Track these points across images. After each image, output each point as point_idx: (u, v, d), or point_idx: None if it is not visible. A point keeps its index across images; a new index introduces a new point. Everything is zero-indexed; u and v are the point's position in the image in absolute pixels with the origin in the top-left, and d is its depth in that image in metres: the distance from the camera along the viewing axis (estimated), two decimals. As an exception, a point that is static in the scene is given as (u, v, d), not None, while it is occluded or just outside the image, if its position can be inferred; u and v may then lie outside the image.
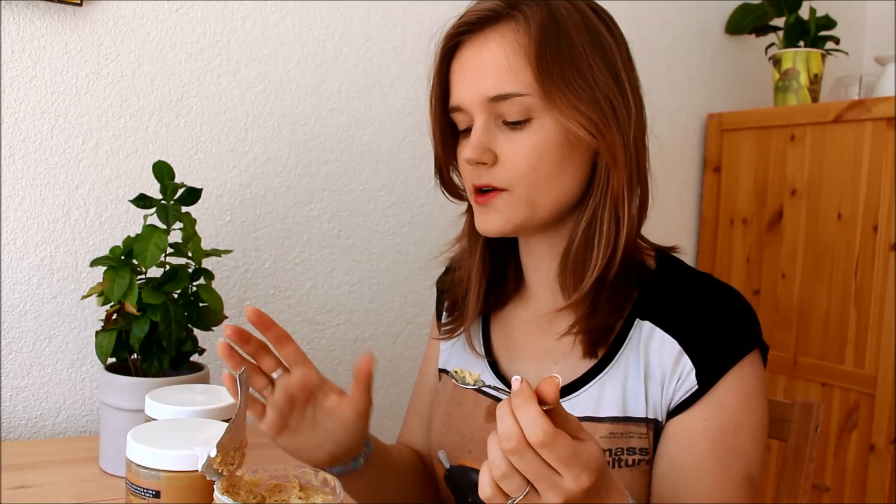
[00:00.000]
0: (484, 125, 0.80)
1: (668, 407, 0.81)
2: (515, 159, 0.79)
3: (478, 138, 0.79)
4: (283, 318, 1.42)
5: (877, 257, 1.56)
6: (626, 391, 0.82)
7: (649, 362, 0.81)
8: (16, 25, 1.18)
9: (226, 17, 1.33)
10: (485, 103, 0.79)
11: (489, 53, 0.79)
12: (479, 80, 0.79)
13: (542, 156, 0.79)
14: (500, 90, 0.78)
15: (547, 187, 0.80)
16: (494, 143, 0.80)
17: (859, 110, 1.59)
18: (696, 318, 0.81)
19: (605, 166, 0.80)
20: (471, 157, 0.79)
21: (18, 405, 1.22)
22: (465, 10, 0.83)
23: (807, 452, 0.95)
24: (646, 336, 0.82)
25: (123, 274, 1.03)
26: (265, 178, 1.39)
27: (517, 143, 0.79)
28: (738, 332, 0.81)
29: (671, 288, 0.84)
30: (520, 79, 0.78)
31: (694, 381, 0.79)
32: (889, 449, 1.52)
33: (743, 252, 1.82)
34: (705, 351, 0.79)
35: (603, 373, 0.84)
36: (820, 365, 1.65)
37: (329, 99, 1.43)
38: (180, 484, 0.72)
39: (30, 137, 1.20)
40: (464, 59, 0.82)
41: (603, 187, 0.81)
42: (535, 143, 0.79)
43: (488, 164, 0.80)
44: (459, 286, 0.95)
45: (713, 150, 1.88)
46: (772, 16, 1.83)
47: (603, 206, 0.81)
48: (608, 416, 0.82)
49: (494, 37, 0.80)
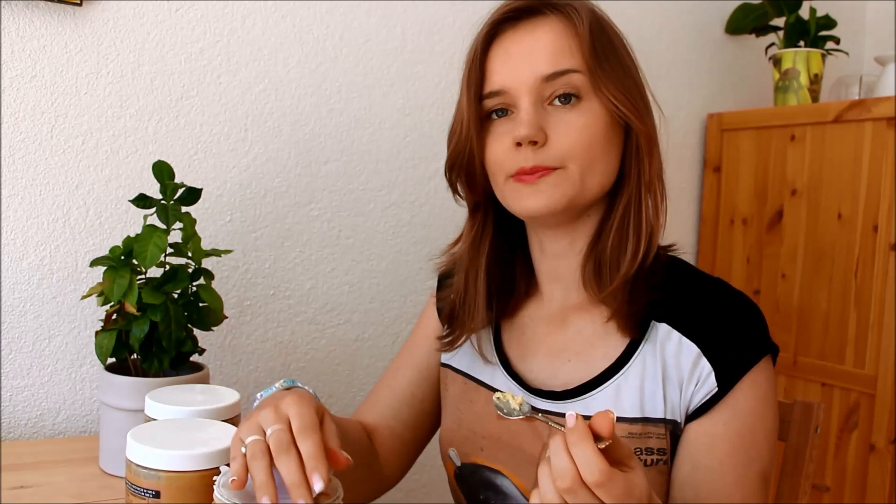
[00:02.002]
0: (533, 104, 0.82)
1: (686, 409, 0.81)
2: (570, 136, 0.81)
3: (530, 117, 0.81)
4: (282, 318, 1.42)
5: (877, 257, 1.56)
6: (643, 392, 0.82)
7: (667, 364, 0.82)
8: (16, 25, 1.18)
9: (226, 17, 1.33)
10: (536, 84, 0.81)
11: (542, 36, 0.82)
12: (531, 61, 0.82)
13: (594, 135, 0.82)
14: (556, 67, 0.81)
15: (598, 166, 0.83)
16: (546, 122, 0.82)
17: (859, 110, 1.59)
18: (714, 322, 0.82)
19: (635, 155, 0.85)
20: (526, 135, 0.80)
21: (18, 405, 1.22)
22: (503, 2, 0.86)
23: (807, 452, 0.95)
24: (662, 338, 0.83)
25: (123, 274, 1.03)
26: (265, 178, 1.39)
27: (568, 122, 0.81)
28: (755, 335, 0.82)
29: (685, 291, 0.85)
30: (574, 58, 0.82)
31: (714, 383, 0.80)
32: (889, 449, 1.52)
33: (743, 252, 1.82)
34: (724, 354, 0.80)
35: (619, 374, 0.84)
36: (820, 365, 1.65)
37: (329, 99, 1.43)
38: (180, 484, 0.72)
39: (30, 137, 1.20)
40: (508, 45, 0.84)
41: (636, 175, 0.85)
42: (587, 123, 0.81)
43: (539, 143, 0.81)
44: (457, 294, 0.94)
45: (713, 150, 1.88)
46: (772, 16, 1.83)
47: (637, 193, 0.84)
48: (627, 416, 0.82)
49: (542, 25, 0.83)
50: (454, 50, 1.52)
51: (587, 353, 0.87)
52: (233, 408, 0.91)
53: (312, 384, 1.46)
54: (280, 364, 1.43)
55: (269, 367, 1.42)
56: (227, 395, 0.94)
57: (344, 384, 1.49)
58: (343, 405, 1.49)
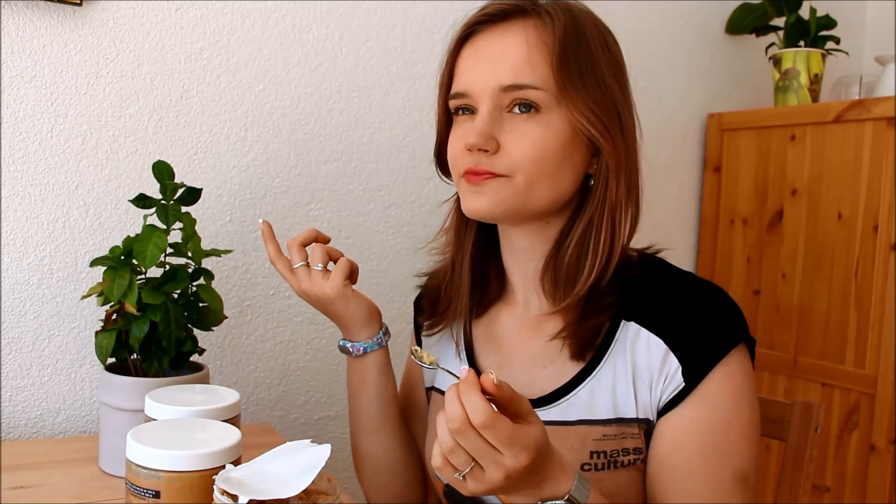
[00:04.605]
0: (490, 113, 0.81)
1: (657, 406, 0.81)
2: (520, 147, 0.80)
3: (483, 125, 0.80)
4: (282, 318, 1.42)
5: (877, 257, 1.56)
6: (616, 393, 0.82)
7: (637, 363, 0.82)
8: (16, 25, 1.18)
9: (226, 17, 1.33)
10: (495, 91, 0.80)
11: (509, 43, 0.81)
12: (495, 68, 0.81)
13: (548, 149, 0.80)
14: (516, 80, 0.79)
15: (546, 181, 0.81)
16: (499, 131, 0.81)
17: (859, 110, 1.59)
18: (681, 317, 0.81)
19: (603, 173, 0.82)
20: (474, 143, 0.80)
21: (18, 405, 1.22)
22: (484, 3, 0.85)
23: (807, 452, 0.95)
24: (632, 337, 0.83)
25: (123, 274, 1.03)
26: (265, 178, 1.39)
27: (522, 132, 0.80)
28: (722, 328, 0.81)
29: (655, 288, 0.85)
30: (537, 72, 0.79)
31: (681, 379, 0.79)
32: (889, 449, 1.52)
33: (743, 252, 1.82)
34: (690, 348, 0.80)
35: (591, 376, 0.84)
36: (820, 365, 1.65)
37: (329, 99, 1.43)
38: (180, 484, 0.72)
39: (29, 137, 1.20)
40: (478, 46, 0.83)
41: (601, 194, 0.83)
42: (541, 135, 0.80)
43: (490, 151, 0.80)
44: (442, 278, 0.96)
45: (713, 150, 1.88)
46: (772, 15, 1.83)
47: (600, 213, 0.83)
48: (601, 418, 0.83)
49: (515, 29, 0.81)
50: (454, 50, 1.52)
51: (560, 358, 0.87)
52: (233, 408, 0.91)
53: (312, 384, 1.46)
54: (280, 364, 1.43)
55: (269, 367, 1.42)
56: (227, 395, 0.94)
57: (344, 384, 1.49)
58: (343, 405, 1.49)
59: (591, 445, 0.83)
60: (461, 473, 0.65)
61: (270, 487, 0.69)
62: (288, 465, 0.72)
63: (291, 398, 1.44)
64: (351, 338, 0.99)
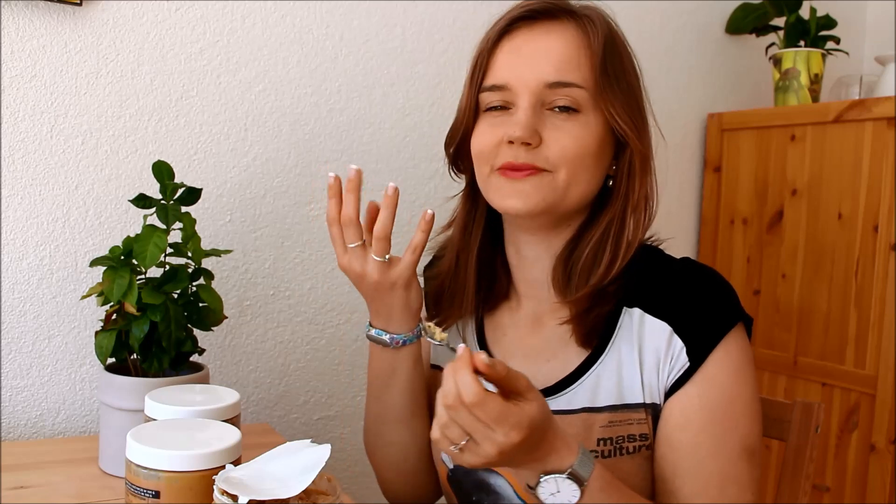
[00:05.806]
0: (532, 107, 0.82)
1: (665, 389, 0.83)
2: (562, 143, 0.82)
3: (528, 118, 0.82)
4: (283, 318, 1.42)
5: (877, 257, 1.56)
6: (621, 379, 0.84)
7: (643, 348, 0.84)
8: (16, 25, 1.18)
9: (226, 17, 1.33)
10: (539, 87, 0.82)
11: (554, 41, 0.83)
12: (539, 64, 0.83)
13: (587, 147, 0.83)
14: (560, 77, 0.82)
15: (584, 178, 0.84)
16: (542, 126, 0.82)
17: (860, 110, 1.59)
18: (682, 300, 0.84)
19: (627, 173, 0.86)
20: (520, 136, 0.81)
21: (18, 405, 1.22)
22: (520, 1, 0.87)
23: (807, 452, 0.95)
24: (636, 323, 0.85)
25: (123, 274, 1.03)
26: (265, 178, 1.39)
27: (564, 129, 0.82)
28: (723, 306, 0.84)
29: (654, 274, 0.87)
30: (580, 72, 0.83)
31: (686, 358, 0.82)
32: (889, 449, 1.52)
33: (743, 252, 1.82)
34: (693, 329, 0.82)
35: (596, 364, 0.86)
36: (820, 365, 1.65)
37: (329, 99, 1.43)
38: (180, 484, 0.72)
39: (29, 137, 1.20)
40: (520, 42, 0.85)
41: (625, 194, 0.86)
42: (581, 134, 0.83)
43: (533, 145, 0.82)
44: (447, 276, 0.96)
45: (713, 150, 1.88)
46: (772, 15, 1.83)
47: (622, 212, 0.86)
48: (605, 405, 0.84)
49: (559, 29, 0.84)
50: (454, 50, 1.52)
51: (564, 350, 0.88)
52: (233, 408, 0.91)
53: (312, 384, 1.46)
54: (280, 364, 1.43)
55: (269, 367, 1.42)
56: (227, 395, 0.94)
57: (344, 384, 1.49)
58: (343, 405, 1.49)
59: (598, 433, 0.84)
60: (457, 446, 0.68)
61: (270, 487, 0.69)
62: (288, 465, 0.73)
63: (291, 398, 1.44)
64: (390, 328, 0.91)
